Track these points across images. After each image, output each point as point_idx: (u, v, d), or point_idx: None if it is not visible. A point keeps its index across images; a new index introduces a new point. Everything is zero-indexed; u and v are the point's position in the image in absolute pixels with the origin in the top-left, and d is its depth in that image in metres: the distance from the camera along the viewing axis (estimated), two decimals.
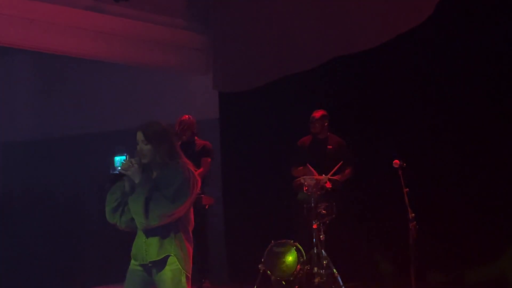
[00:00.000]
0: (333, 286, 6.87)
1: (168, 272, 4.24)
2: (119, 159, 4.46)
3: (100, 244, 9.36)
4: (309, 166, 7.27)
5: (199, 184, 4.37)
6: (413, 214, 6.06)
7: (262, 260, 6.98)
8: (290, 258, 6.87)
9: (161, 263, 4.25)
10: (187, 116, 7.92)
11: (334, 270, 6.80)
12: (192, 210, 4.40)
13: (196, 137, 7.96)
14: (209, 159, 7.87)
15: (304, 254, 6.88)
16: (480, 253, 7.58)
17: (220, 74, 9.31)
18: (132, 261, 4.39)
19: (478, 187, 7.65)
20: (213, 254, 8.30)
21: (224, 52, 9.28)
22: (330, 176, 7.18)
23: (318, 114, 7.60)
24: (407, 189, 6.12)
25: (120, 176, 4.26)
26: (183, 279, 4.27)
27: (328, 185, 7.06)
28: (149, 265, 4.28)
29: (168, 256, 4.24)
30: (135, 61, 9.03)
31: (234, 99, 9.20)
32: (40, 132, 10.74)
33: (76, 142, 10.31)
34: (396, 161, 6.27)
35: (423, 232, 6.21)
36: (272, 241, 7.03)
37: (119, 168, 4.26)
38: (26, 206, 10.29)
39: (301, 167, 7.47)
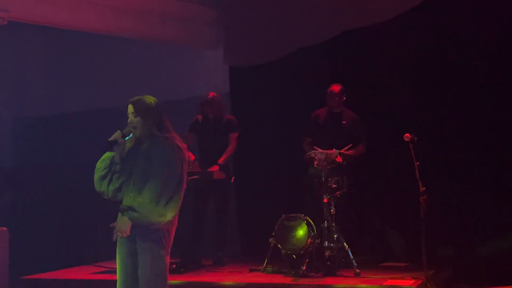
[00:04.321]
0: (343, 260, 6.89)
1: (147, 242, 4.36)
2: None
3: (111, 220, 9.38)
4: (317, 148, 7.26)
5: (186, 159, 4.50)
6: (424, 188, 6.06)
7: (273, 233, 7.00)
8: (301, 232, 6.89)
9: (143, 233, 4.37)
10: (212, 94, 7.87)
11: (345, 243, 6.82)
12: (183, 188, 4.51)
13: (222, 113, 7.96)
14: (237, 134, 7.90)
15: (314, 228, 6.89)
16: (490, 227, 7.59)
17: (231, 48, 9.28)
18: None
19: (489, 160, 7.64)
20: None
21: (235, 26, 9.24)
22: (341, 150, 7.18)
23: (337, 88, 7.58)
24: (418, 162, 6.12)
25: (111, 145, 4.45)
26: (162, 252, 4.39)
27: (339, 159, 7.06)
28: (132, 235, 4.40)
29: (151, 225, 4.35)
30: (145, 36, 9.01)
31: (245, 74, 9.18)
32: (52, 107, 10.76)
33: (87, 118, 10.32)
34: (407, 134, 6.25)
35: (434, 205, 6.22)
36: (283, 215, 7.05)
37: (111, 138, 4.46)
38: (38, 181, 10.33)
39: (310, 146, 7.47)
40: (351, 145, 7.28)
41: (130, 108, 4.47)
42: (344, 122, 7.60)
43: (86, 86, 10.50)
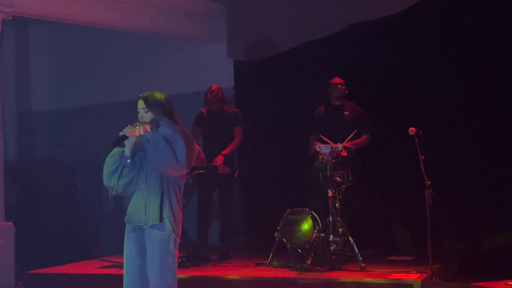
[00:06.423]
0: (349, 254, 6.88)
1: (157, 235, 4.37)
2: None
3: (117, 213, 9.42)
4: (323, 137, 7.27)
5: (195, 152, 4.53)
6: (429, 182, 6.04)
7: (278, 228, 7.00)
8: (306, 226, 6.88)
9: (155, 226, 4.38)
10: (216, 86, 7.85)
11: (350, 238, 6.81)
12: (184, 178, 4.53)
13: (225, 106, 7.95)
14: (242, 128, 7.90)
15: (319, 222, 6.88)
16: (496, 220, 7.58)
17: (235, 42, 9.27)
18: (127, 226, 4.53)
19: (495, 154, 7.62)
20: None
21: (239, 21, 9.24)
22: (345, 143, 7.18)
23: (339, 79, 7.62)
24: (423, 156, 6.11)
25: (121, 140, 4.39)
26: (171, 245, 4.39)
27: (344, 153, 7.06)
28: (143, 226, 4.40)
29: (163, 218, 4.37)
30: (149, 30, 9.01)
31: (249, 68, 9.18)
32: (57, 102, 10.78)
33: (92, 112, 10.34)
34: (412, 128, 6.24)
35: (439, 199, 6.20)
36: (288, 209, 7.04)
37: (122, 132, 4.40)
38: (43, 176, 10.35)
39: (317, 141, 7.48)
40: (355, 131, 7.28)
41: (141, 104, 4.47)
42: (346, 113, 7.61)
43: (91, 81, 10.51)
